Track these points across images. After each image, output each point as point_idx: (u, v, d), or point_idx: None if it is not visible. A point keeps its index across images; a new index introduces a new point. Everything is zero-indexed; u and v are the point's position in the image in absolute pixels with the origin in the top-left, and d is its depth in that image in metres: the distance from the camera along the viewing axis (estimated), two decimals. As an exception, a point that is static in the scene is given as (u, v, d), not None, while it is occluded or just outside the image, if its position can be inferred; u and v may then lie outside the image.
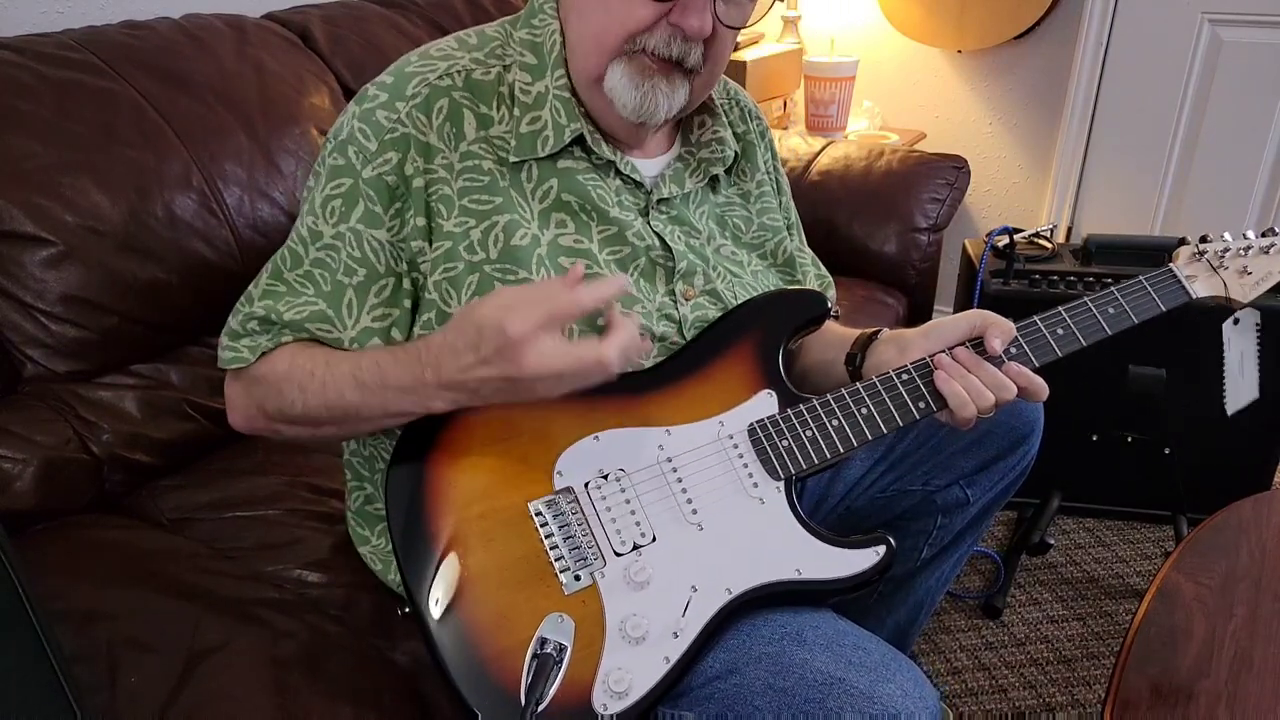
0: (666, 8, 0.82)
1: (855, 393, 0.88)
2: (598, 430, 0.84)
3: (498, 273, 0.85)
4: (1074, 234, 2.44)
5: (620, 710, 0.75)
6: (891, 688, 0.74)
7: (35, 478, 1.07)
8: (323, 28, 1.55)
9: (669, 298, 0.92)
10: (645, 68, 0.84)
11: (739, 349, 0.89)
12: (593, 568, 0.79)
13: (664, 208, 0.94)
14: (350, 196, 0.83)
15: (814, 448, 0.86)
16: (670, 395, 0.87)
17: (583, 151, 0.90)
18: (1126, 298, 0.94)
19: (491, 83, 0.88)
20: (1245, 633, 0.96)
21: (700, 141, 0.98)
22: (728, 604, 0.79)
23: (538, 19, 0.90)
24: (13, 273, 1.11)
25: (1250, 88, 2.15)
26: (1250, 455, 1.78)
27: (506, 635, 0.77)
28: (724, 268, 0.98)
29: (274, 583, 1.02)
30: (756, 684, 0.75)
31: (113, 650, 0.83)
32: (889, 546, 0.83)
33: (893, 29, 2.46)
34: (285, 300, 0.85)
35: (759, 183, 1.05)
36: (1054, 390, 0.90)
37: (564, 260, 0.87)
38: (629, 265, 0.91)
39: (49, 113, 1.14)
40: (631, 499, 0.82)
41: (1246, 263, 0.99)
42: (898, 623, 1.23)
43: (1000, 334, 0.88)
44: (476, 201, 0.85)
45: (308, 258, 0.85)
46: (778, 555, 0.82)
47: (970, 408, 0.86)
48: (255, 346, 0.85)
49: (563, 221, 0.89)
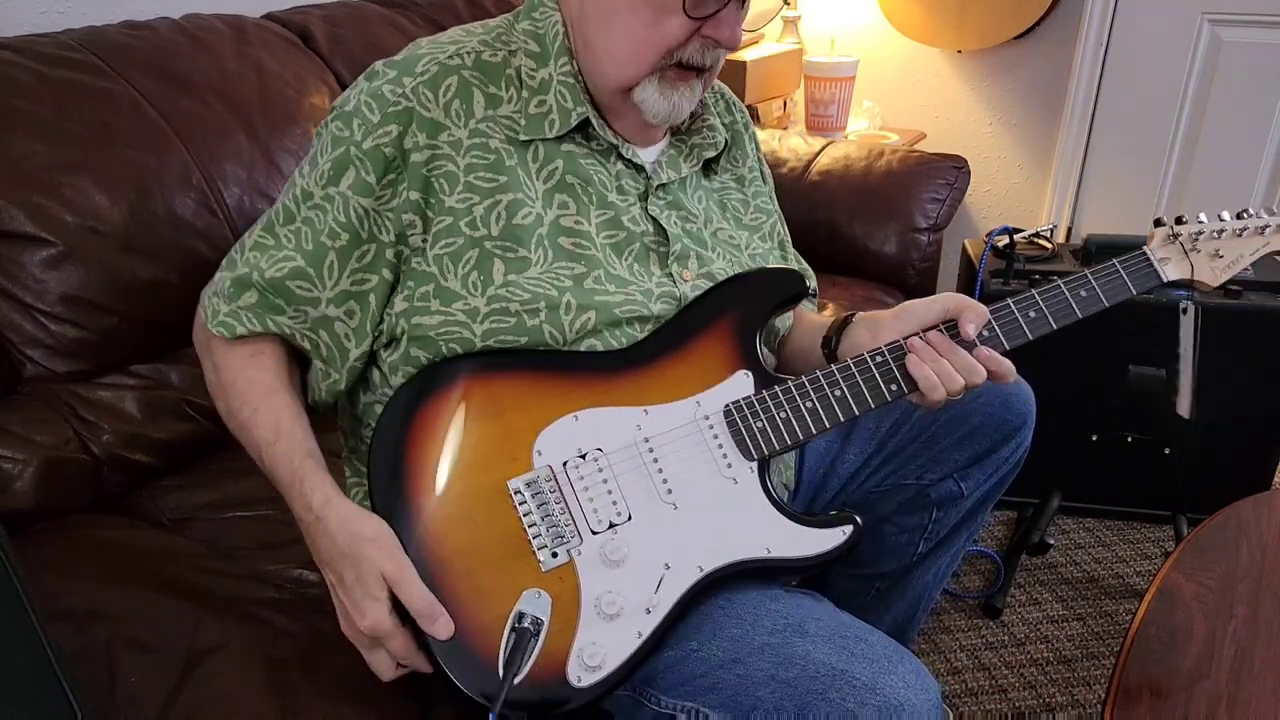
0: (700, 24, 0.84)
1: (829, 374, 0.88)
2: (576, 410, 0.85)
3: (497, 249, 0.86)
4: (1074, 234, 2.44)
5: (593, 682, 0.78)
6: (894, 679, 0.74)
7: (35, 478, 1.07)
8: (323, 28, 1.55)
9: (667, 278, 0.93)
10: (673, 80, 0.88)
11: (716, 329, 0.90)
12: (570, 545, 0.81)
13: (662, 192, 0.96)
14: (343, 163, 0.85)
15: (787, 429, 0.87)
16: (648, 374, 0.88)
17: (584, 137, 0.92)
18: (1099, 280, 0.93)
19: (499, 65, 0.90)
20: (1245, 633, 0.96)
21: (690, 130, 1.01)
22: (699, 581, 0.82)
23: (538, 11, 0.92)
24: (13, 273, 1.11)
25: (1250, 88, 2.15)
26: (1250, 455, 1.78)
27: (486, 610, 0.79)
28: (722, 249, 1.00)
29: (274, 583, 1.02)
30: (759, 674, 0.75)
31: (113, 650, 0.83)
32: (855, 526, 0.85)
33: (893, 29, 2.46)
34: (269, 254, 0.87)
35: (750, 168, 1.08)
36: (1054, 390, 0.90)
37: (563, 240, 0.89)
38: (624, 249, 0.93)
39: (49, 113, 1.14)
40: (609, 479, 0.84)
41: (1219, 245, 0.98)
42: (896, 619, 1.23)
43: (974, 318, 0.89)
44: (482, 178, 0.87)
45: (299, 215, 0.87)
46: (749, 534, 0.84)
47: (940, 391, 0.87)
48: (215, 314, 0.88)
49: (564, 203, 0.90)
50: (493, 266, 0.86)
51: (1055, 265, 1.73)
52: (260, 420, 0.86)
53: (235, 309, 0.88)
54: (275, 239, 0.88)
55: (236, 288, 0.88)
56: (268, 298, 0.87)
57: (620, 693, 0.82)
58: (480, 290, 0.86)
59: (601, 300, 0.88)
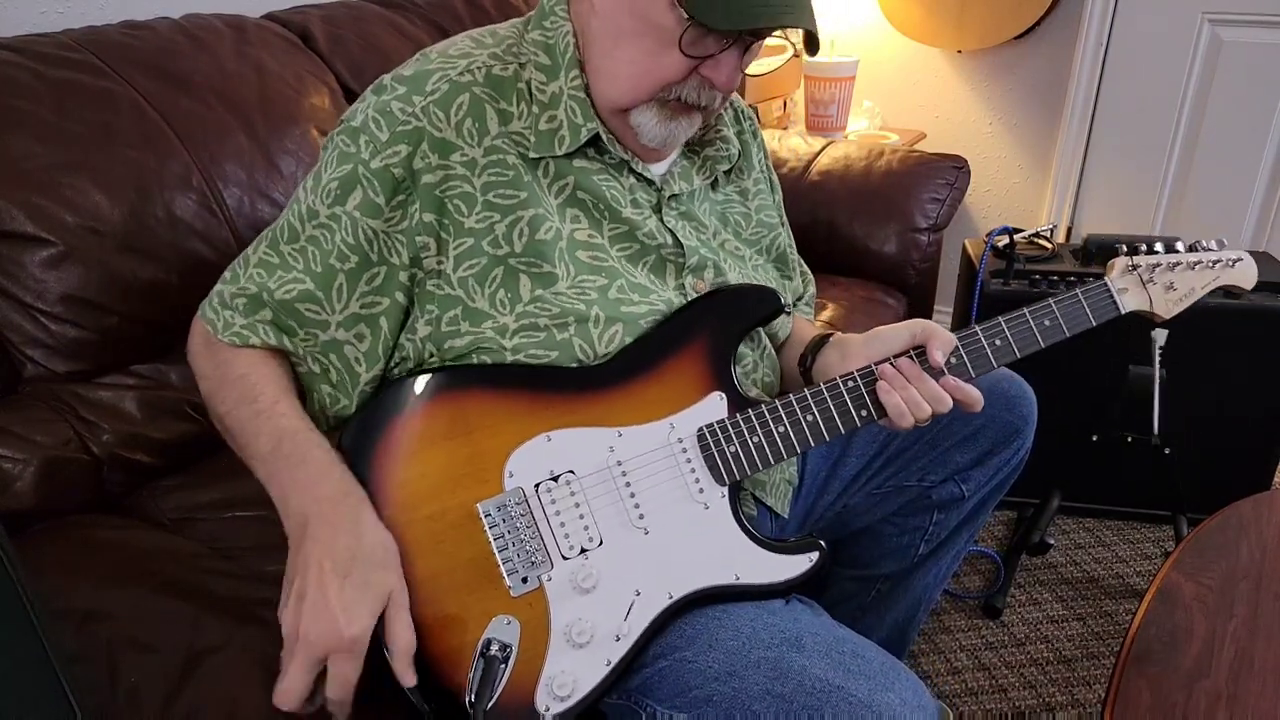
0: (698, 63, 0.83)
1: (802, 399, 0.88)
2: (549, 429, 0.84)
3: (523, 266, 0.85)
4: (1074, 234, 2.44)
5: (561, 711, 0.77)
6: (891, 696, 0.74)
7: (35, 478, 1.07)
8: (323, 28, 1.54)
9: (678, 291, 0.93)
10: (674, 111, 0.87)
11: (690, 348, 0.89)
12: (540, 570, 0.80)
13: (675, 204, 0.95)
14: (350, 183, 0.83)
15: (759, 454, 0.87)
16: (622, 394, 0.86)
17: (596, 152, 0.90)
18: (1062, 310, 0.94)
19: (510, 79, 0.88)
20: (1245, 633, 0.96)
21: (704, 140, 0.99)
22: (668, 607, 0.81)
23: (549, 21, 0.90)
24: (13, 273, 1.11)
25: (1250, 88, 2.15)
26: (1250, 455, 1.78)
27: (454, 636, 0.78)
28: (732, 260, 0.99)
29: (274, 583, 1.01)
30: (755, 688, 0.75)
31: (113, 650, 0.83)
32: (821, 552, 0.86)
33: (893, 29, 2.46)
34: (278, 274, 0.85)
35: (755, 180, 1.07)
36: (1054, 390, 0.90)
37: (581, 254, 0.88)
38: (639, 261, 0.92)
39: (49, 113, 1.14)
40: (581, 503, 0.83)
41: (1173, 278, 0.99)
42: (897, 620, 1.23)
43: (941, 346, 0.89)
44: (501, 196, 0.85)
45: (303, 234, 0.85)
46: (718, 560, 0.84)
47: (908, 418, 0.87)
48: (229, 325, 0.86)
49: (577, 217, 0.89)
50: (519, 283, 0.85)
51: (1055, 265, 1.73)
52: (283, 409, 0.83)
53: (252, 322, 0.86)
54: (280, 257, 0.86)
55: (251, 304, 0.86)
56: (280, 319, 0.86)
57: (616, 701, 0.82)
58: (509, 308, 0.85)
59: (627, 311, 0.87)
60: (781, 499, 1.03)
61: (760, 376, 0.99)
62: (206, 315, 0.89)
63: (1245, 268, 1.02)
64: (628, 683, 0.81)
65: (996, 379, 1.07)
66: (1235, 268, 1.02)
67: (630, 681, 0.81)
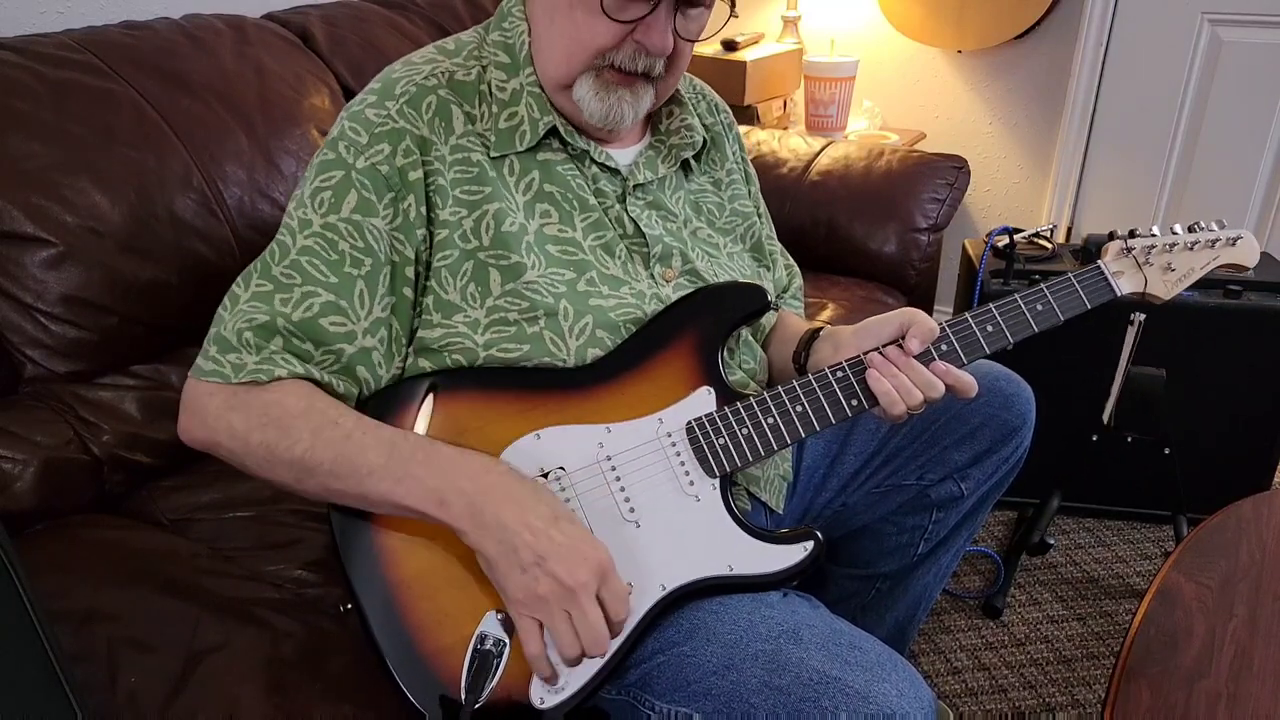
0: (630, 28, 0.84)
1: (791, 390, 0.88)
2: (539, 428, 0.84)
3: (491, 259, 0.86)
4: (1074, 234, 2.44)
5: (556, 703, 0.78)
6: (887, 687, 0.74)
7: (35, 478, 1.07)
8: (323, 28, 1.55)
9: (651, 280, 0.94)
10: (611, 81, 0.87)
11: (678, 345, 0.90)
12: None
13: (640, 193, 0.96)
14: (341, 187, 0.84)
15: (749, 445, 0.87)
16: (611, 391, 0.87)
17: (559, 143, 0.92)
18: (1055, 295, 0.94)
19: (473, 82, 0.90)
20: (1245, 633, 0.96)
21: (670, 129, 1.01)
22: (662, 599, 0.82)
23: (507, 22, 0.93)
24: (13, 273, 1.11)
25: (1250, 88, 2.15)
26: (1250, 455, 1.78)
27: (448, 632, 0.78)
28: (701, 249, 1.00)
29: (274, 583, 1.02)
30: (753, 681, 0.75)
31: (113, 650, 0.83)
32: (817, 541, 0.85)
33: (893, 29, 2.46)
34: (278, 298, 0.81)
35: (729, 171, 1.08)
36: (1054, 390, 0.90)
37: (550, 248, 0.89)
38: (614, 249, 0.93)
39: (49, 113, 1.14)
40: (571, 498, 0.83)
41: (1171, 259, 0.99)
42: (897, 619, 1.23)
43: (919, 334, 0.89)
44: (468, 191, 0.87)
45: (294, 247, 0.83)
46: (712, 551, 0.84)
47: (899, 405, 0.87)
48: (241, 365, 0.80)
49: (546, 212, 0.91)
50: (489, 277, 0.86)
51: (1055, 265, 1.73)
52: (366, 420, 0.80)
53: (269, 354, 0.80)
54: (273, 281, 0.82)
55: (262, 335, 0.80)
56: (293, 344, 0.81)
57: (615, 696, 0.82)
58: (479, 301, 0.86)
59: (596, 304, 0.88)
60: (776, 494, 1.03)
61: (738, 363, 0.99)
62: (206, 372, 0.81)
63: (1246, 245, 1.01)
64: (626, 678, 0.82)
65: (994, 378, 1.07)
66: (1236, 245, 1.01)
67: (629, 677, 0.82)
